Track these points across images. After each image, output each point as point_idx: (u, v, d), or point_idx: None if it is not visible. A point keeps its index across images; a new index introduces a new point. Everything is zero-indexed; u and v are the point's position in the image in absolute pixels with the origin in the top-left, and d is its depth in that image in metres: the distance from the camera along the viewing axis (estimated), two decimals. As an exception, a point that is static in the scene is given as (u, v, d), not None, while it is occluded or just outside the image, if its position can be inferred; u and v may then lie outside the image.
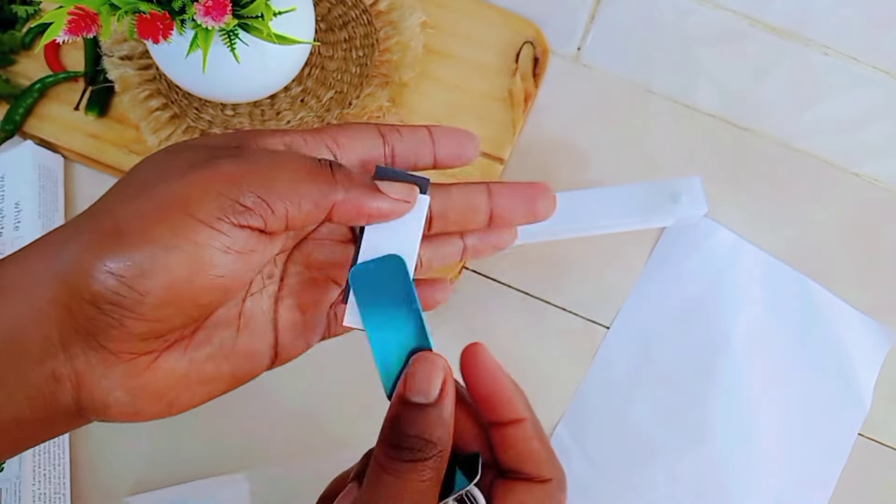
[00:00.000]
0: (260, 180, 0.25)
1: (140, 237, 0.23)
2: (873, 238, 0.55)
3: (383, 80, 0.52)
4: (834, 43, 0.52)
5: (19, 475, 0.43)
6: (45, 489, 0.44)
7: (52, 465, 0.45)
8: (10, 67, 0.55)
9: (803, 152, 0.57)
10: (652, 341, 0.52)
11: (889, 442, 0.51)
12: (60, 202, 0.53)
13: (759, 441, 0.49)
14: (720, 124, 0.57)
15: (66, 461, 0.47)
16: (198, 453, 0.49)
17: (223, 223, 0.24)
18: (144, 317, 0.24)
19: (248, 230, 0.25)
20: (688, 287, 0.52)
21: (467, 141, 0.30)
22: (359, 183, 0.26)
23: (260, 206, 0.24)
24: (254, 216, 0.24)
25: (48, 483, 0.45)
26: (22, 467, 0.44)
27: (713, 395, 0.50)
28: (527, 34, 0.56)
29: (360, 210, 0.26)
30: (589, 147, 0.56)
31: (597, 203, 0.50)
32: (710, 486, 0.49)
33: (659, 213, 0.50)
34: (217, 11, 0.38)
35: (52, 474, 0.45)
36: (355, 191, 0.26)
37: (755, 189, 0.55)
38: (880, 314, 0.53)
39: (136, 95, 0.51)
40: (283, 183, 0.25)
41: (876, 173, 0.56)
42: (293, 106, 0.51)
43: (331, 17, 0.54)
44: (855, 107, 0.55)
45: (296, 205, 0.25)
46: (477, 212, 0.30)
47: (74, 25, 0.37)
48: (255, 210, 0.24)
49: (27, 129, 0.53)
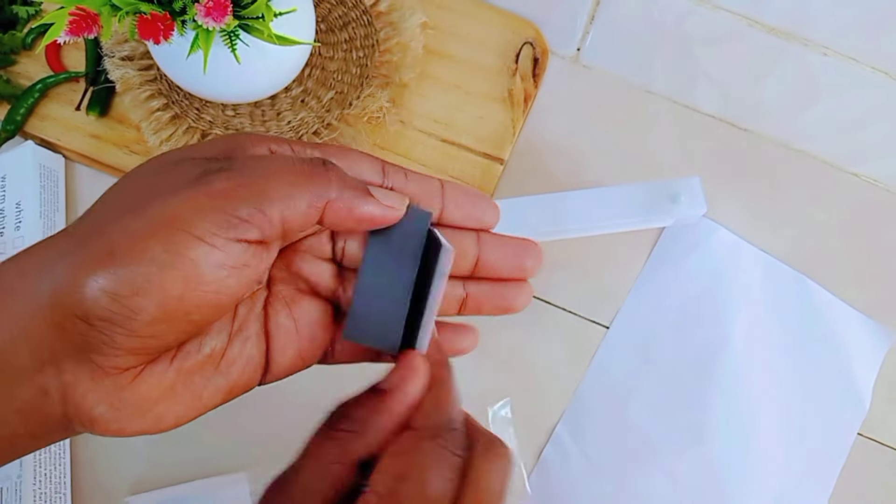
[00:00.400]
0: (253, 191, 0.24)
1: (133, 254, 0.23)
2: (872, 238, 0.55)
3: (384, 80, 0.52)
4: (833, 43, 0.52)
5: (20, 475, 0.43)
6: (45, 489, 0.44)
7: (52, 464, 0.45)
8: (11, 68, 0.55)
9: (802, 152, 0.57)
10: (651, 341, 0.52)
11: (888, 441, 0.51)
12: (62, 202, 0.53)
13: (759, 441, 0.50)
14: (719, 124, 0.57)
15: (66, 461, 0.47)
16: (198, 453, 0.49)
17: (218, 238, 0.24)
18: (136, 333, 0.24)
19: (243, 244, 0.24)
20: (687, 287, 0.53)
21: (486, 204, 0.30)
22: (352, 185, 0.26)
23: (255, 216, 0.24)
24: (250, 228, 0.24)
25: (49, 483, 0.45)
26: (23, 467, 0.44)
27: (713, 394, 0.50)
28: (526, 35, 0.56)
29: (352, 212, 0.26)
30: (588, 147, 0.56)
31: (596, 203, 0.50)
32: (709, 486, 0.49)
33: (658, 213, 0.50)
34: (218, 12, 0.38)
35: (52, 474, 0.45)
36: (349, 192, 0.26)
37: (754, 189, 0.56)
38: (879, 314, 0.53)
39: (137, 96, 0.51)
40: (277, 187, 0.25)
41: (875, 173, 0.56)
42: (294, 106, 0.52)
43: (331, 18, 0.54)
44: (854, 107, 0.55)
45: (291, 207, 0.25)
46: (464, 256, 0.30)
47: (75, 26, 0.38)
48: (252, 221, 0.24)
49: (28, 130, 0.53)
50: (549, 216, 0.50)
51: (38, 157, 0.52)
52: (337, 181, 0.26)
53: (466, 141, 0.54)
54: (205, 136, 0.51)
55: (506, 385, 0.51)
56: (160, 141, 0.50)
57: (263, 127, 0.51)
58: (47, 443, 0.26)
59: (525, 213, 0.50)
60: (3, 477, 0.44)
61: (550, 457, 0.49)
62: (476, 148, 0.53)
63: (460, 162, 0.53)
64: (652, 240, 0.54)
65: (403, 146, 0.53)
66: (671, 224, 0.53)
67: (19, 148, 0.52)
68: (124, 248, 0.23)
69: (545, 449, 0.49)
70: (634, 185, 0.50)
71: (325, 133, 0.51)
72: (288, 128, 0.51)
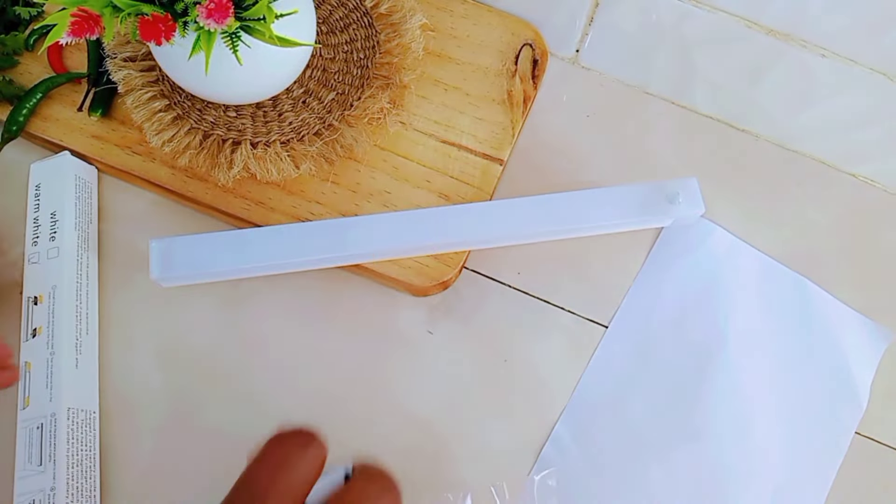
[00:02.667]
0: None
1: None
2: (870, 238, 0.55)
3: (384, 81, 0.53)
4: (831, 45, 0.53)
5: (53, 486, 0.44)
6: (77, 502, 0.45)
7: (83, 478, 0.46)
8: (13, 69, 0.55)
9: (800, 153, 0.57)
10: (650, 340, 0.52)
11: (886, 440, 0.51)
12: (95, 214, 0.53)
13: (757, 439, 0.50)
14: (717, 125, 0.58)
15: (96, 474, 0.47)
16: (221, 468, 0.49)
17: None
18: None
19: None
20: (685, 287, 0.53)
21: None
22: None
23: None
24: None
25: (80, 495, 0.45)
26: (56, 479, 0.44)
27: (711, 393, 0.50)
28: (526, 36, 0.56)
29: None
30: (587, 148, 0.56)
31: (594, 203, 0.50)
32: (707, 485, 0.49)
33: (656, 213, 0.50)
34: (219, 14, 0.38)
35: (83, 487, 0.46)
36: None
37: (752, 189, 0.56)
38: (877, 314, 0.53)
39: (138, 97, 0.51)
40: None
41: (872, 174, 0.56)
42: (295, 107, 0.52)
43: (332, 20, 0.54)
44: (852, 108, 0.55)
45: None
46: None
47: (77, 27, 0.38)
48: None
49: (30, 130, 0.54)
50: (547, 216, 0.50)
51: (74, 168, 0.52)
52: None
53: (466, 142, 0.54)
54: (207, 138, 0.51)
55: (506, 384, 0.51)
56: (162, 142, 0.51)
57: (265, 128, 0.51)
58: None
59: (525, 214, 0.50)
60: (36, 490, 0.44)
61: (550, 456, 0.49)
62: (476, 149, 0.54)
63: (460, 163, 0.53)
64: (650, 240, 0.54)
65: (403, 147, 0.54)
66: (669, 224, 0.53)
67: (56, 158, 0.53)
68: None
69: (545, 448, 0.50)
70: (633, 186, 0.51)
71: (326, 134, 0.51)
72: (289, 128, 0.51)
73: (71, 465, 0.45)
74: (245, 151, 0.50)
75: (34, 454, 0.45)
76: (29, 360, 0.48)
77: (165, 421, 0.49)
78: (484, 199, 0.53)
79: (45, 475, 0.44)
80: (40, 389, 0.46)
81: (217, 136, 0.51)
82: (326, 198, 0.52)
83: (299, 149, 0.51)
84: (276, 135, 0.51)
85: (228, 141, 0.51)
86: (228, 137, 0.51)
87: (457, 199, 0.52)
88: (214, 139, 0.51)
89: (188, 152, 0.51)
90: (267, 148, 0.51)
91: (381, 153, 0.53)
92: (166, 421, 0.49)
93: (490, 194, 0.53)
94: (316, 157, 0.51)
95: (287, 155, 0.51)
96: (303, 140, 0.51)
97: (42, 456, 0.45)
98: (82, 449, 0.46)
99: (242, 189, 0.52)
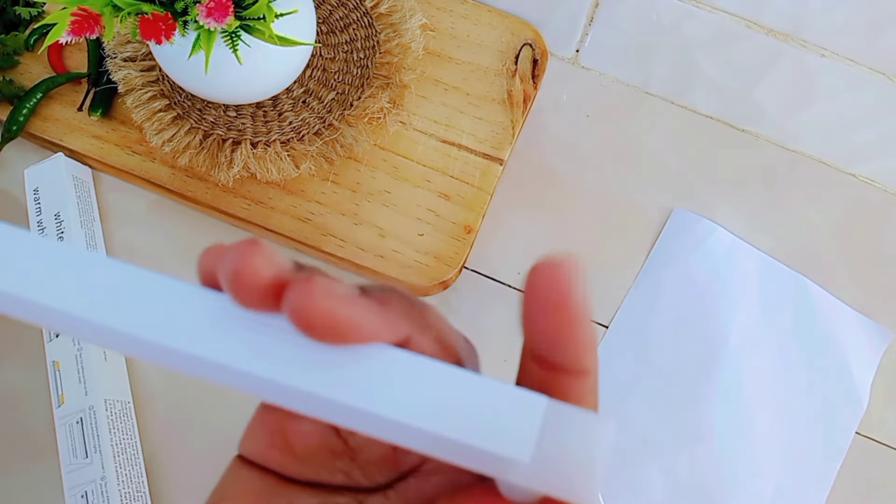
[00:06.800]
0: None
1: None
2: (870, 238, 0.55)
3: (384, 81, 0.53)
4: (831, 44, 0.53)
5: (104, 476, 0.45)
6: (128, 488, 0.46)
7: (130, 465, 0.47)
8: (13, 69, 0.55)
9: (800, 153, 0.57)
10: (650, 340, 0.52)
11: (886, 440, 0.51)
12: (96, 212, 0.54)
13: (757, 439, 0.50)
14: (717, 125, 0.58)
15: (140, 460, 0.48)
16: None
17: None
18: None
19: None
20: (686, 287, 0.53)
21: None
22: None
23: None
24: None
25: (130, 482, 0.46)
26: (105, 468, 0.45)
27: (711, 393, 0.50)
28: (526, 36, 0.57)
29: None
30: (587, 148, 0.56)
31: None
32: (708, 485, 0.49)
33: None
34: (219, 13, 0.38)
35: (132, 473, 0.47)
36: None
37: (752, 190, 0.56)
38: (877, 313, 0.53)
39: (139, 97, 0.51)
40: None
41: (872, 174, 0.56)
42: (295, 107, 0.52)
43: (332, 20, 0.54)
44: (852, 108, 0.55)
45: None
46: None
47: (77, 27, 0.38)
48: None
49: (30, 130, 0.54)
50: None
51: (69, 168, 0.52)
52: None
53: (466, 141, 0.54)
54: (207, 137, 0.51)
55: (505, 384, 0.51)
56: (162, 141, 0.51)
57: (265, 127, 0.51)
58: None
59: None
60: (86, 481, 0.45)
61: (550, 455, 0.49)
62: (476, 148, 0.54)
63: (460, 162, 0.53)
64: (651, 240, 0.54)
65: (403, 146, 0.54)
66: (666, 230, 0.53)
67: (49, 161, 0.53)
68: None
69: (544, 448, 0.49)
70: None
71: (326, 133, 0.51)
72: (289, 128, 0.51)
73: (117, 454, 0.46)
74: (245, 151, 0.50)
75: (78, 448, 0.46)
76: (57, 358, 0.48)
77: (192, 406, 0.50)
78: (484, 198, 0.52)
79: (93, 466, 0.45)
80: (74, 385, 0.47)
81: (217, 135, 0.51)
82: (326, 197, 0.52)
83: (299, 148, 0.51)
84: (276, 134, 0.51)
85: (228, 140, 0.51)
86: (228, 137, 0.51)
87: (457, 199, 0.52)
88: (214, 139, 0.51)
89: (188, 152, 0.51)
90: (267, 147, 0.51)
91: (381, 153, 0.53)
92: (193, 406, 0.50)
93: (490, 194, 0.53)
94: (316, 156, 0.51)
95: (287, 154, 0.51)
96: (303, 140, 0.51)
97: (87, 448, 0.46)
98: (124, 438, 0.47)
99: (242, 189, 0.52)
